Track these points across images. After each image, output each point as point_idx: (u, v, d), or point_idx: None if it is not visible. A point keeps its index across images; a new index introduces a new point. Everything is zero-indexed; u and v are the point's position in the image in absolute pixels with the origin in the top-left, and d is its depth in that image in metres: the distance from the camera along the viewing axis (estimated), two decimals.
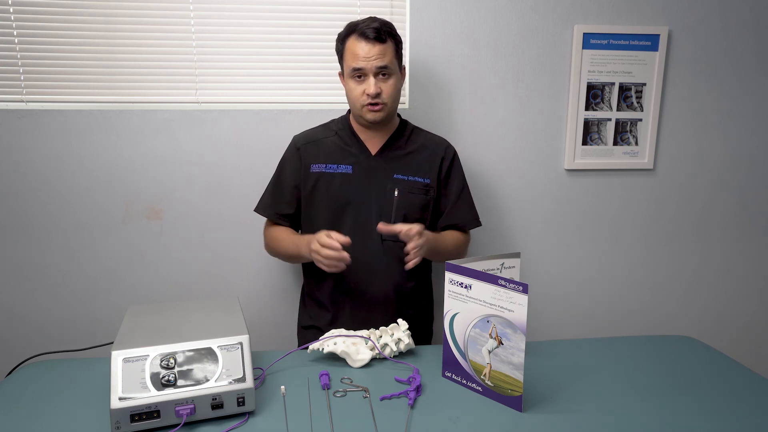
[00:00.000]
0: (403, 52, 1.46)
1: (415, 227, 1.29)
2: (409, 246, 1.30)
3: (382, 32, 1.35)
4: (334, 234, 1.28)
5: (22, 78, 1.63)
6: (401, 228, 1.29)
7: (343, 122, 1.53)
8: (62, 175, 1.69)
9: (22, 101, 1.65)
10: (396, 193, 1.44)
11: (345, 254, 1.25)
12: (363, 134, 1.49)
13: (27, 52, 1.62)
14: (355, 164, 1.46)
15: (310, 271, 1.54)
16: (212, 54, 1.69)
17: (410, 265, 1.32)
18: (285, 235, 1.48)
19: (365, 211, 1.45)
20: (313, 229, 1.48)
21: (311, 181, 1.46)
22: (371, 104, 1.38)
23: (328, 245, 1.25)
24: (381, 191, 1.45)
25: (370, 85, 1.36)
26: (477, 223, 1.58)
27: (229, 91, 1.72)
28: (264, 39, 1.70)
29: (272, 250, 1.55)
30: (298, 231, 1.56)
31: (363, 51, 1.35)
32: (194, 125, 1.72)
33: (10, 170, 1.67)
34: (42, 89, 1.65)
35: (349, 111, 1.54)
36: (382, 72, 1.37)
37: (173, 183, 1.74)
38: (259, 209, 1.55)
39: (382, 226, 1.30)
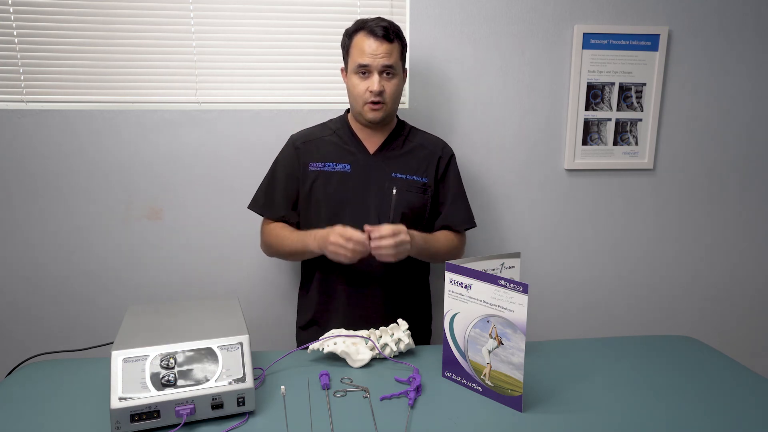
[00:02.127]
0: (406, 56, 1.47)
1: (396, 228, 1.28)
2: (380, 243, 1.27)
3: (390, 32, 1.37)
4: (350, 230, 1.28)
5: (22, 78, 1.63)
6: (385, 230, 1.28)
7: (341, 121, 1.53)
8: (62, 175, 1.69)
9: (22, 101, 1.65)
10: (394, 191, 1.44)
11: (368, 245, 1.27)
12: (361, 133, 1.49)
13: (27, 52, 1.62)
14: (354, 163, 1.46)
15: (308, 274, 1.54)
16: (212, 54, 1.69)
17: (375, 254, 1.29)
18: (287, 233, 1.47)
19: (363, 210, 1.45)
20: (311, 227, 1.48)
21: (309, 180, 1.46)
22: (372, 102, 1.39)
23: (356, 239, 1.26)
24: (379, 190, 1.45)
25: (374, 82, 1.37)
26: (471, 223, 1.56)
27: (229, 91, 1.72)
28: (264, 39, 1.70)
29: (271, 247, 1.51)
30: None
31: (370, 48, 1.36)
32: (194, 125, 1.72)
33: (11, 170, 1.67)
34: (42, 89, 1.65)
35: (347, 111, 1.54)
36: (386, 71, 1.38)
37: (173, 183, 1.74)
38: (252, 206, 1.53)
39: (369, 227, 1.29)
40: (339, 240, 1.27)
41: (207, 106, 1.72)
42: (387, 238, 1.27)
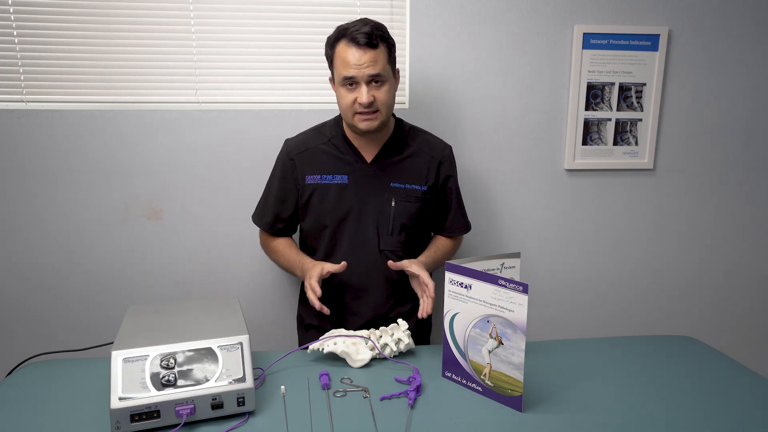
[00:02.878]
0: (396, 54, 1.38)
1: (430, 282, 1.29)
2: (428, 304, 1.29)
3: (373, 37, 1.26)
4: (327, 266, 1.30)
5: (22, 78, 1.63)
6: (418, 273, 1.31)
7: (337, 127, 1.46)
8: (62, 175, 1.69)
9: (22, 101, 1.65)
10: (393, 203, 1.42)
11: (324, 309, 1.27)
12: (357, 141, 1.43)
13: (27, 52, 1.62)
14: (350, 174, 1.42)
15: None
16: (212, 54, 1.69)
17: (425, 314, 1.30)
18: (281, 248, 1.50)
19: (362, 222, 1.43)
20: (310, 239, 1.49)
21: (307, 193, 1.44)
22: (363, 113, 1.32)
23: (311, 298, 1.27)
24: (378, 201, 1.42)
25: (363, 93, 1.28)
26: (468, 228, 1.59)
27: (229, 91, 1.72)
28: (264, 39, 1.70)
29: (268, 254, 1.57)
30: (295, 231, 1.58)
31: (354, 58, 1.26)
32: (194, 125, 1.72)
33: (10, 170, 1.67)
34: (42, 89, 1.65)
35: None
36: (374, 79, 1.29)
37: (173, 183, 1.74)
38: (254, 219, 1.55)
39: (392, 264, 1.34)
40: (307, 284, 1.30)
41: (207, 106, 1.72)
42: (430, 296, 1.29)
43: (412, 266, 1.32)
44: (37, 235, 1.72)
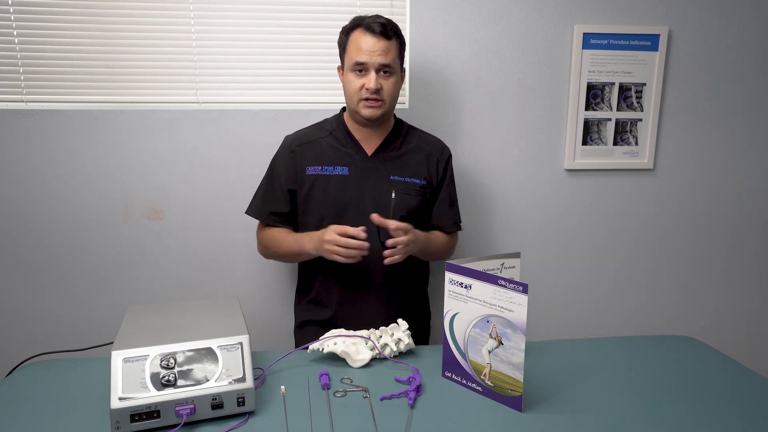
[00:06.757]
0: (404, 55, 1.45)
1: (404, 225, 1.30)
2: (392, 241, 1.30)
3: (388, 29, 1.34)
4: (346, 226, 1.28)
5: (22, 78, 1.64)
6: (393, 225, 1.29)
7: (338, 122, 1.50)
8: (62, 175, 1.70)
9: (22, 101, 1.65)
10: (393, 194, 1.43)
11: (366, 243, 1.27)
12: (358, 134, 1.47)
13: (27, 52, 1.62)
14: (351, 165, 1.44)
15: (306, 272, 1.54)
16: (212, 54, 1.69)
17: (389, 261, 1.31)
18: (284, 235, 1.47)
19: (362, 213, 1.43)
20: (309, 231, 1.48)
21: (307, 184, 1.45)
22: (369, 99, 1.36)
23: (351, 234, 1.26)
24: (378, 193, 1.44)
25: (371, 79, 1.34)
26: (458, 227, 1.57)
27: (229, 91, 1.72)
28: (264, 39, 1.70)
29: (269, 250, 1.52)
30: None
31: (368, 45, 1.33)
32: (194, 125, 1.72)
33: (10, 170, 1.68)
34: (42, 89, 1.65)
35: (342, 110, 1.52)
36: (383, 69, 1.35)
37: (173, 183, 1.74)
38: (251, 212, 1.53)
39: (377, 217, 1.30)
40: (334, 238, 1.27)
41: (207, 106, 1.72)
42: (401, 239, 1.29)
43: (394, 222, 1.31)
44: (37, 234, 1.72)
